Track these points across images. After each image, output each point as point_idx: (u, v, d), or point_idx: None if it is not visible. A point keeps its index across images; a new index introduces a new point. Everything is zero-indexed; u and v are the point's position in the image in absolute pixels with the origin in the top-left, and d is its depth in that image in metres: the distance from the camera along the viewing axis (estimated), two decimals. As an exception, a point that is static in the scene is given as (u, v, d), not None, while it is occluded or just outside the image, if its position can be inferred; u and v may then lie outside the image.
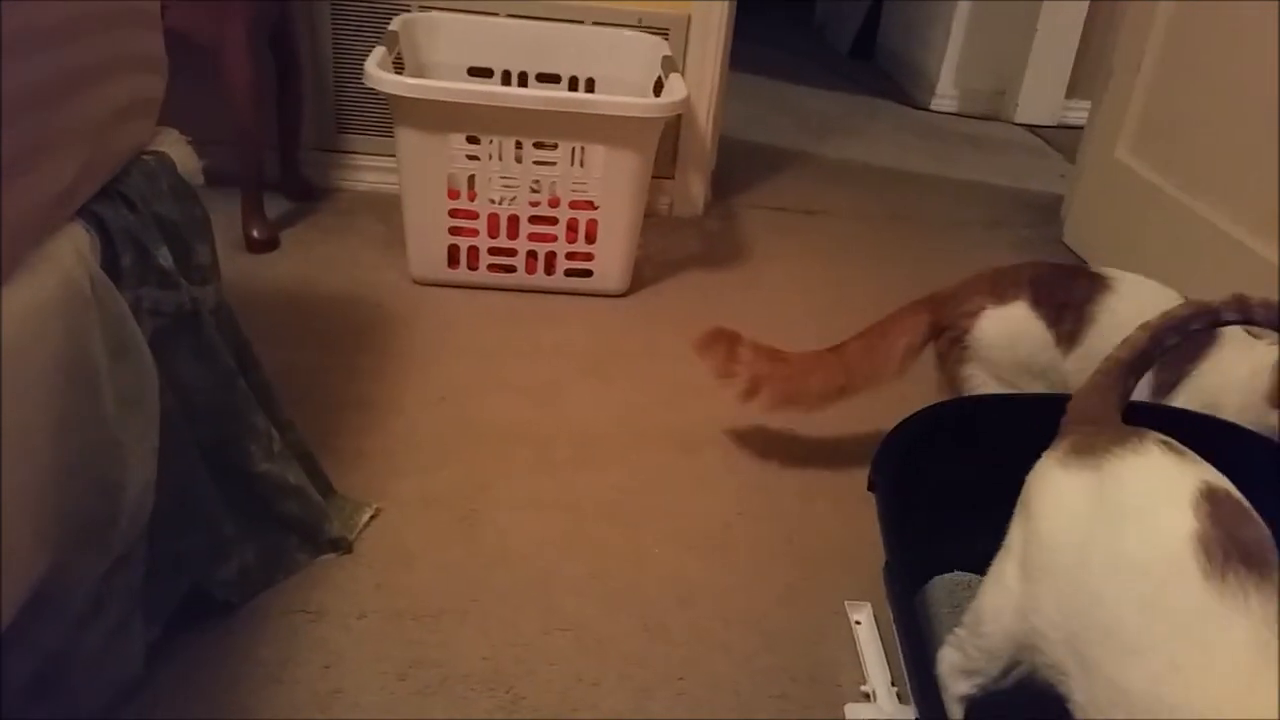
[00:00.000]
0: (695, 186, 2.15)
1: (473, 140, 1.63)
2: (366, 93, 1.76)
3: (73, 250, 0.75)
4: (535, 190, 1.69)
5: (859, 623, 1.06)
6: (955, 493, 1.00)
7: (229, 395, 0.98)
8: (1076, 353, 1.16)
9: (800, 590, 1.12)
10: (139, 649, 0.89)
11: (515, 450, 1.31)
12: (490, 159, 1.63)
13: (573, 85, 1.95)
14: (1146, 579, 0.69)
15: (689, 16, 1.99)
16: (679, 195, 2.15)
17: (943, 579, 1.10)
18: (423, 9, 1.92)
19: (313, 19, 1.94)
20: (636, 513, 1.22)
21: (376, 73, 1.55)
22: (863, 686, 0.98)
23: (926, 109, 3.23)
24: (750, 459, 1.36)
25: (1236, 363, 1.09)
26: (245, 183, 1.75)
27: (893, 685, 0.98)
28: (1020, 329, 1.19)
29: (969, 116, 3.19)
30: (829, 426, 1.42)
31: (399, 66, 1.73)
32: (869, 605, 1.08)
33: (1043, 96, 3.13)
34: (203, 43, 1.62)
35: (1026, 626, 0.78)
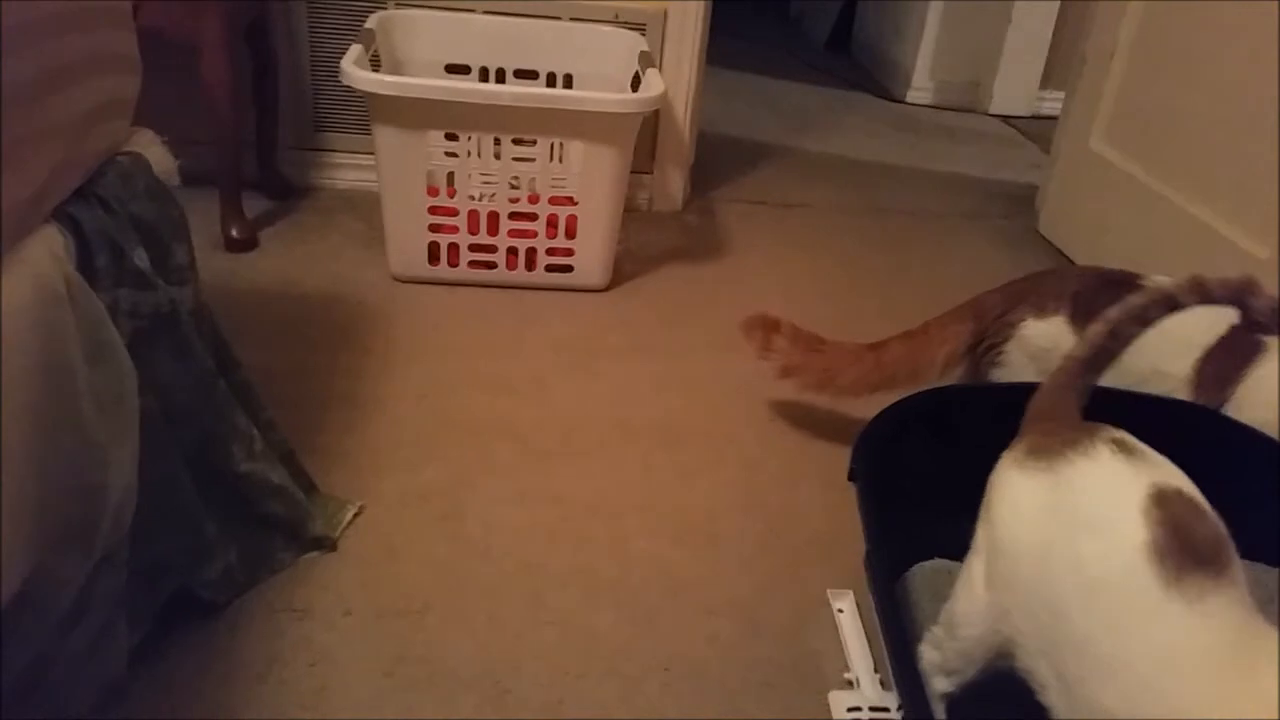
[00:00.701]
0: (674, 181, 2.15)
1: (451, 137, 1.63)
2: (344, 90, 1.76)
3: (47, 253, 0.75)
4: (515, 186, 1.69)
5: (842, 611, 1.07)
6: (935, 480, 1.01)
7: (209, 396, 0.98)
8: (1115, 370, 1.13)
9: (784, 580, 1.13)
10: (123, 651, 0.89)
11: (498, 446, 1.31)
12: (469, 156, 1.63)
13: (550, 81, 1.95)
14: (1109, 596, 0.69)
15: (665, 12, 1.99)
16: (658, 190, 2.15)
17: (924, 566, 1.10)
18: (399, 6, 1.91)
19: (289, 17, 1.93)
20: (621, 506, 1.23)
21: (353, 70, 1.55)
22: (846, 674, 1.00)
23: (902, 101, 3.24)
24: (733, 451, 1.36)
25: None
26: (223, 182, 1.74)
27: (875, 672, 0.99)
28: (1056, 345, 1.16)
29: (944, 108, 3.20)
30: (811, 416, 1.43)
31: (376, 64, 1.73)
32: (851, 593, 1.09)
33: (1017, 88, 3.15)
34: (180, 41, 1.61)
35: (1000, 635, 0.78)
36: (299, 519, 1.08)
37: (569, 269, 1.74)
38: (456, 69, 1.93)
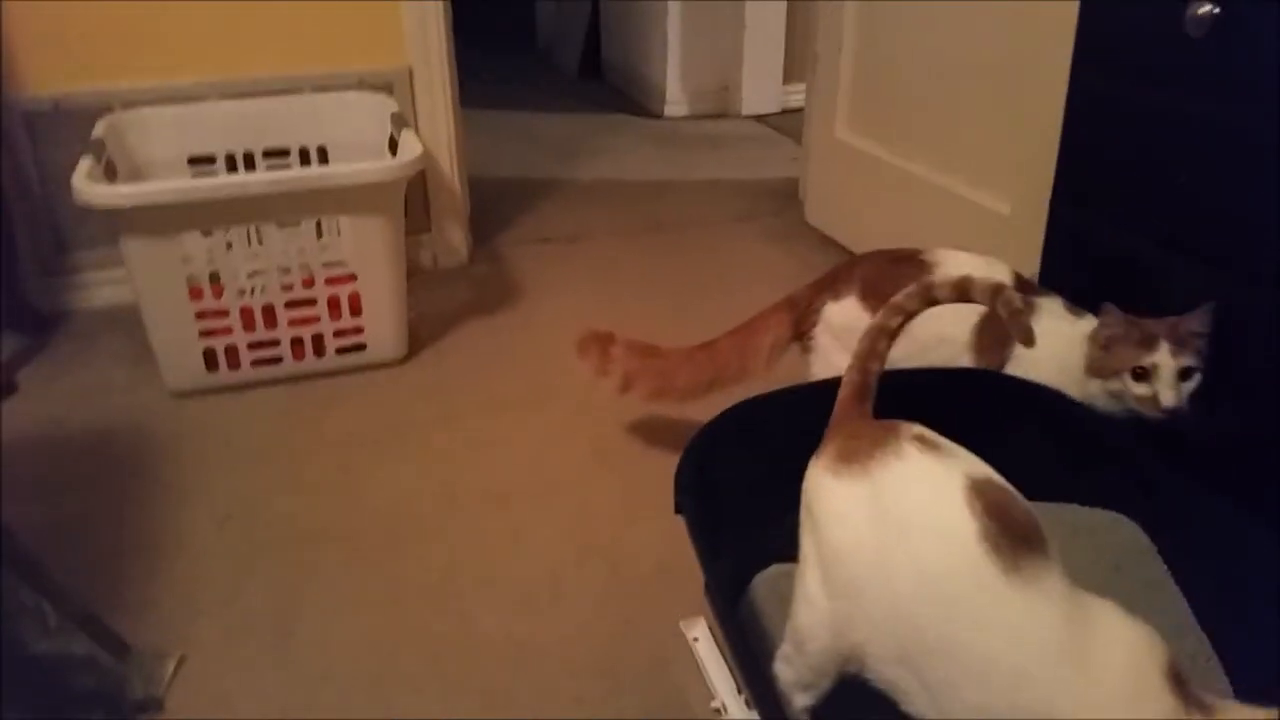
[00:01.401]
0: (455, 235, 2.13)
1: (207, 234, 1.54)
2: (81, 205, 1.64)
3: None
4: (286, 272, 1.62)
5: (697, 639, 1.08)
6: (755, 490, 1.03)
7: (-21, 582, 0.88)
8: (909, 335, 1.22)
9: (636, 622, 1.13)
10: None
11: (320, 553, 1.25)
12: (228, 250, 1.55)
13: (304, 157, 1.89)
14: (954, 591, 0.71)
15: (410, 69, 1.96)
16: (440, 246, 2.12)
17: (764, 575, 1.13)
18: (126, 107, 1.80)
19: (7, 138, 1.78)
20: (459, 584, 1.20)
21: (87, 188, 1.44)
22: (712, 703, 1.01)
23: (661, 116, 3.34)
24: (563, 501, 1.36)
25: (1054, 336, 1.13)
26: (-42, 329, 1.59)
27: (740, 694, 1.00)
28: (852, 322, 1.25)
29: (701, 117, 3.32)
30: (635, 450, 1.45)
31: (112, 173, 1.62)
32: (703, 620, 1.10)
33: (763, 87, 3.30)
34: None
35: (846, 642, 0.80)
36: (114, 687, 0.99)
37: (361, 347, 1.69)
38: (201, 160, 1.84)
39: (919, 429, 0.82)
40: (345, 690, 1.04)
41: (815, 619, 0.82)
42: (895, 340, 0.92)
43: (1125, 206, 1.20)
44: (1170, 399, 1.03)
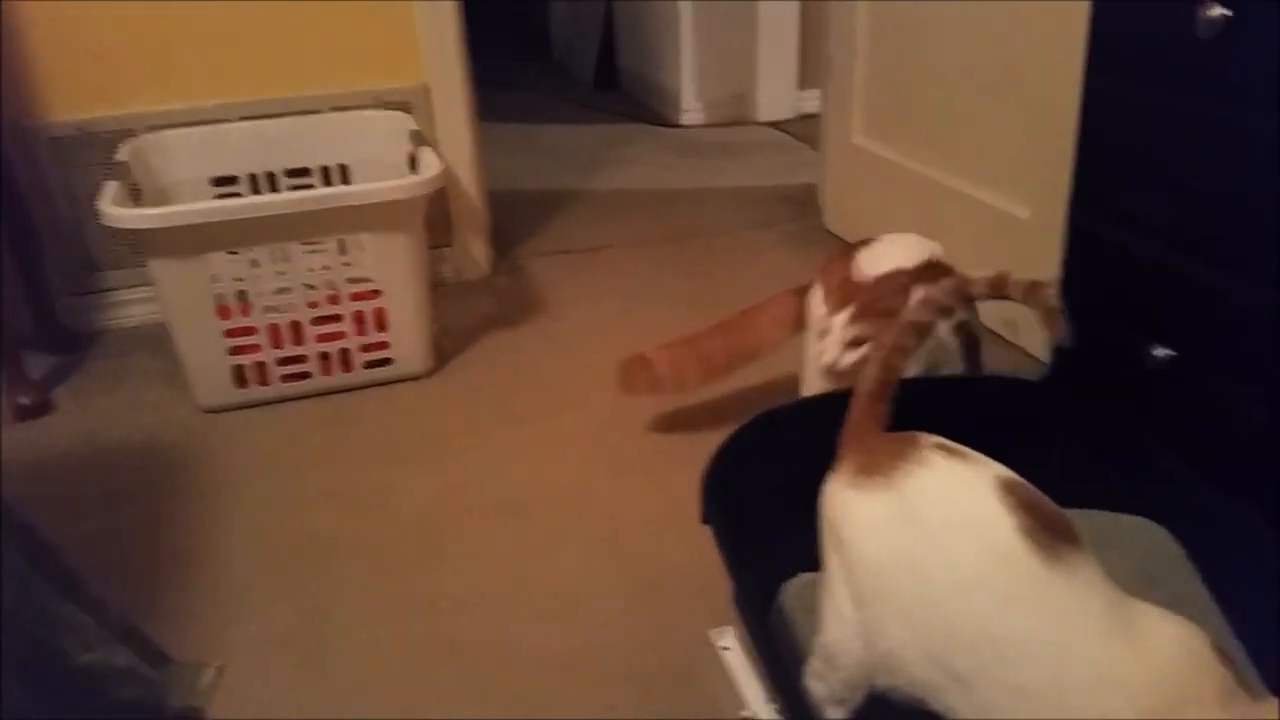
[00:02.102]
0: (476, 248, 2.15)
1: (232, 254, 1.57)
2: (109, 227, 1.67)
3: None
4: (312, 289, 1.64)
5: (727, 648, 1.09)
6: (779, 500, 1.04)
7: (26, 600, 0.90)
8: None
9: (667, 629, 1.14)
10: None
11: (350, 564, 1.27)
12: (254, 268, 1.57)
13: (326, 176, 1.92)
14: (996, 584, 0.72)
15: (426, 86, 1.99)
16: (462, 260, 2.14)
17: (792, 584, 1.14)
18: (149, 130, 1.83)
19: (36, 162, 1.82)
20: (490, 597, 1.21)
21: (114, 211, 1.47)
22: (743, 712, 1.01)
23: (678, 125, 3.35)
24: (590, 510, 1.37)
25: None
26: (-5, 349, 1.62)
27: (771, 702, 1.01)
28: (814, 309, 1.34)
29: (717, 125, 3.33)
30: (659, 458, 1.46)
31: (137, 195, 1.65)
32: (732, 629, 1.11)
33: (778, 93, 3.32)
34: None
35: (878, 653, 0.80)
36: (156, 698, 1.01)
37: (388, 361, 1.71)
38: (224, 181, 1.87)
39: (936, 438, 0.83)
40: (379, 699, 1.06)
41: (846, 632, 0.83)
42: (926, 337, 0.94)
43: (1141, 209, 1.20)
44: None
